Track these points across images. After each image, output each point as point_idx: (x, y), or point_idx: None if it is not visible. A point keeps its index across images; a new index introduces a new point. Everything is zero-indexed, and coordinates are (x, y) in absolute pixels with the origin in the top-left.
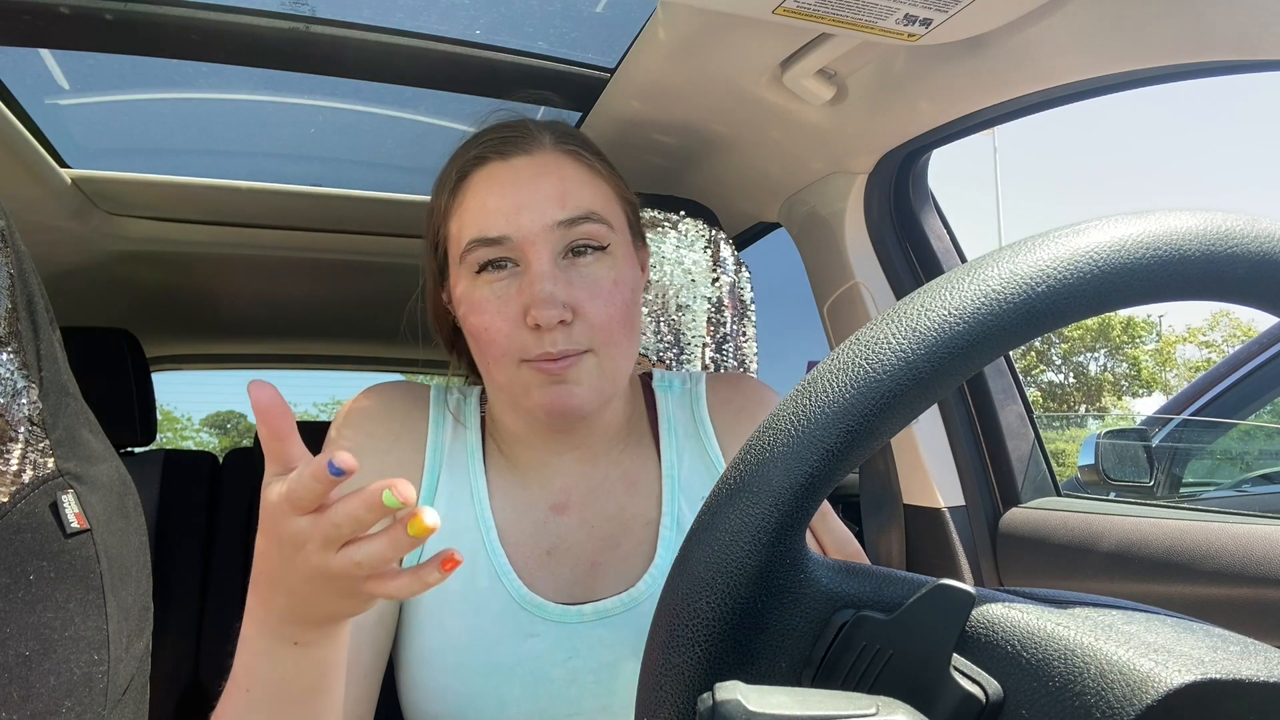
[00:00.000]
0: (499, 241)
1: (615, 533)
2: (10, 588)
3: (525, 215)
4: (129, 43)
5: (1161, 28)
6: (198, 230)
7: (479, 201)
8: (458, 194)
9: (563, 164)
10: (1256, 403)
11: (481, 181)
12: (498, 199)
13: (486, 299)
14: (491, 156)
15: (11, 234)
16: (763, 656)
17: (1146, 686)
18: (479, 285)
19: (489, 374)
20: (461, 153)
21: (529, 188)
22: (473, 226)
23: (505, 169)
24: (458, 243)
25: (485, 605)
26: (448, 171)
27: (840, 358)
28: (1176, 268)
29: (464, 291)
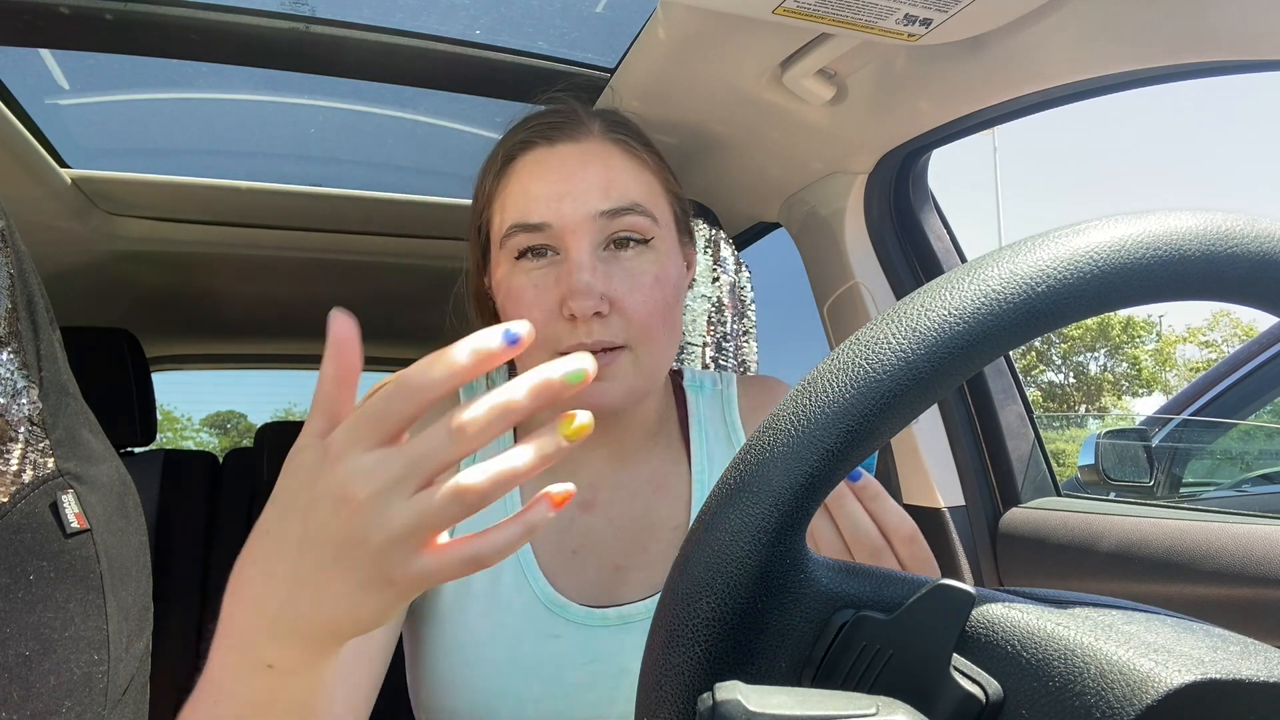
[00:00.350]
0: (540, 228)
1: (641, 535)
2: (10, 588)
3: (567, 203)
4: (129, 43)
5: (1161, 28)
6: (198, 230)
7: (522, 187)
8: (502, 178)
9: (610, 153)
10: (1256, 403)
11: (526, 166)
12: (541, 185)
13: (524, 287)
14: (538, 141)
15: (11, 234)
16: (763, 656)
17: (1146, 686)
18: (517, 273)
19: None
20: (509, 136)
21: (574, 175)
22: (514, 211)
23: (551, 155)
24: (499, 227)
25: (509, 602)
26: (494, 155)
27: (840, 358)
28: (1176, 268)
29: (503, 277)
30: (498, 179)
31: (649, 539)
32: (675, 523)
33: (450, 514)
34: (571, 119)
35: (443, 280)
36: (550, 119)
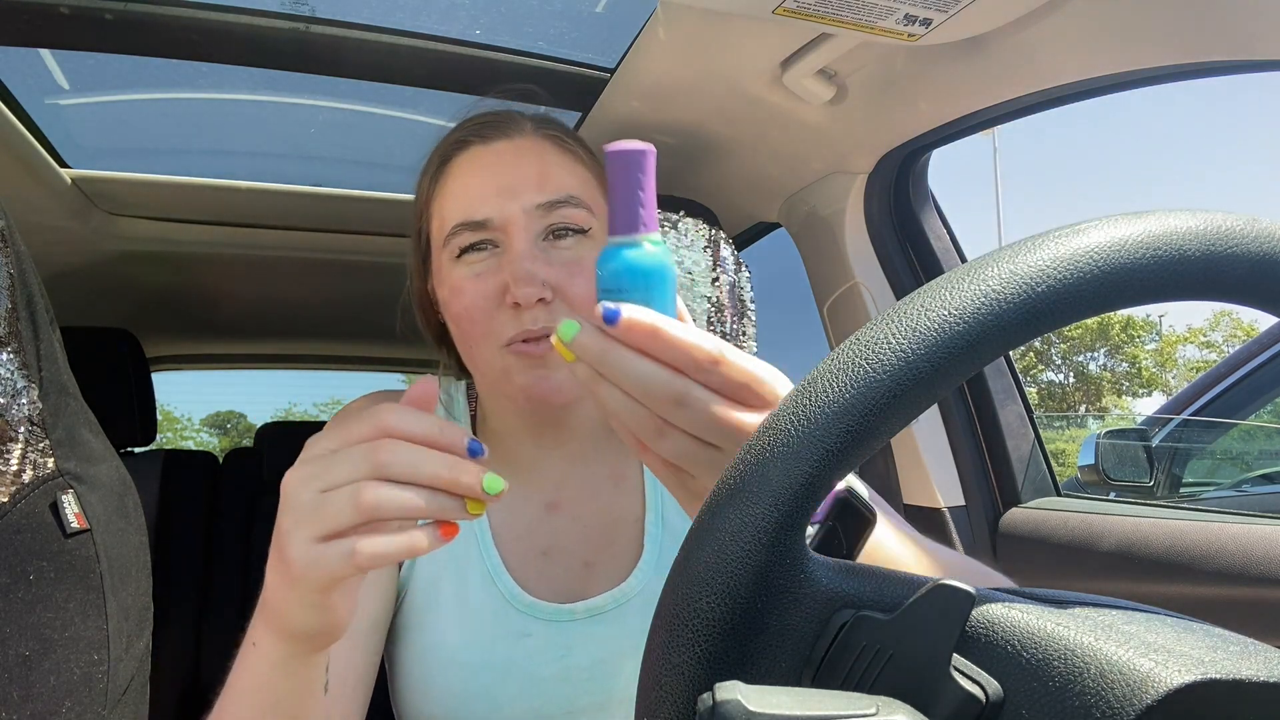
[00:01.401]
0: (482, 224)
1: (607, 530)
2: (10, 588)
3: (506, 197)
4: (129, 43)
5: (1161, 28)
6: (198, 230)
7: (461, 185)
8: (440, 179)
9: (544, 148)
10: (1256, 403)
11: (463, 165)
12: (479, 181)
13: (465, 279)
14: (473, 140)
15: (11, 234)
16: (763, 656)
17: (1146, 686)
18: (459, 268)
19: (472, 361)
20: (444, 140)
21: (510, 170)
22: (456, 211)
23: (486, 152)
24: (441, 228)
25: (478, 605)
26: (430, 160)
27: (840, 358)
28: (1176, 268)
29: (445, 275)
30: (435, 181)
31: (614, 533)
32: (635, 515)
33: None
34: (504, 118)
35: None
36: (484, 119)
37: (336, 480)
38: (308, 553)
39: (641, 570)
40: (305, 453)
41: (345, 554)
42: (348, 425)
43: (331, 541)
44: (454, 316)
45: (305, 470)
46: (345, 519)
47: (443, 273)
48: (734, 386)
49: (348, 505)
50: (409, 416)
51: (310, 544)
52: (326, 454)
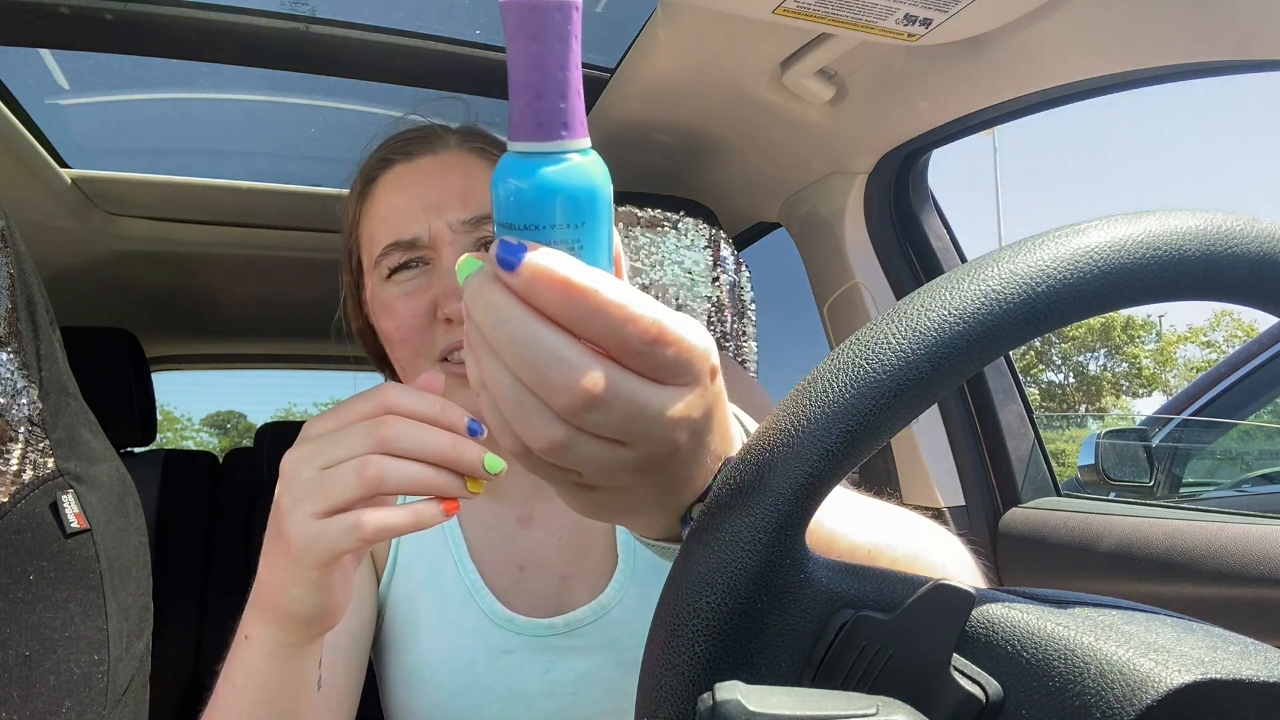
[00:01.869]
0: (412, 244)
1: (581, 543)
2: (10, 588)
3: (433, 214)
4: (129, 43)
5: (1161, 28)
6: (198, 230)
7: (389, 204)
8: (365, 200)
9: (468, 161)
10: (1256, 403)
11: (388, 184)
12: (406, 199)
13: (396, 298)
14: (396, 159)
15: (11, 234)
16: (763, 656)
17: (1146, 686)
18: (389, 287)
19: (405, 370)
20: (371, 158)
21: (436, 186)
22: (385, 231)
23: (411, 170)
24: (370, 249)
25: (459, 624)
26: (355, 181)
27: (840, 358)
28: (1176, 268)
29: (375, 295)
30: (360, 202)
31: (588, 546)
32: (607, 525)
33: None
34: (427, 133)
35: None
36: (406, 136)
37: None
38: (309, 529)
39: (618, 581)
40: (304, 433)
41: (349, 527)
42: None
43: (334, 517)
44: (386, 335)
45: (306, 449)
46: (350, 492)
47: (375, 294)
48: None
49: (352, 479)
50: (412, 395)
51: (312, 520)
52: (327, 433)
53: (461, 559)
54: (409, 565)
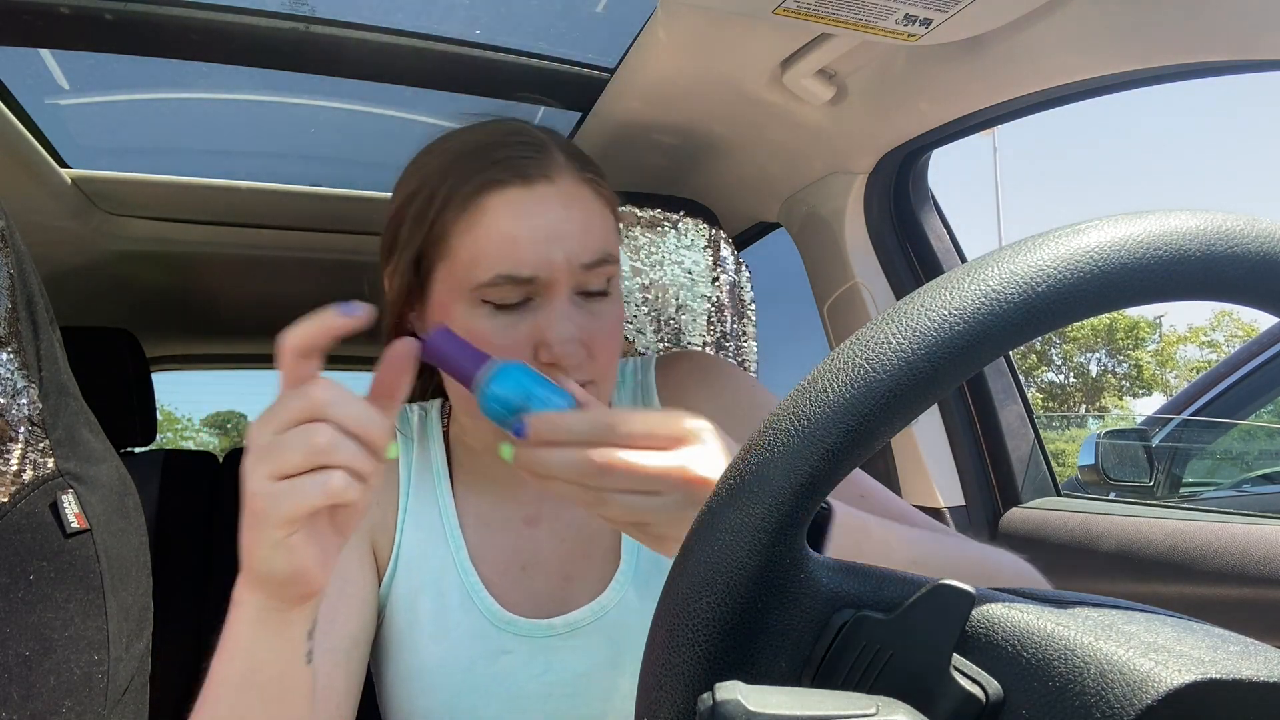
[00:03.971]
0: (529, 281)
1: (584, 544)
2: (10, 588)
3: (555, 253)
4: (129, 43)
5: (1161, 28)
6: (198, 230)
7: (502, 231)
8: (470, 213)
9: (584, 195)
10: (1256, 403)
11: (502, 206)
12: (526, 231)
13: (489, 331)
14: (510, 180)
15: (11, 234)
16: (763, 656)
17: (1146, 686)
18: (480, 317)
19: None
20: (471, 164)
21: (556, 222)
22: (497, 260)
23: (529, 197)
24: (470, 271)
25: (457, 625)
26: (449, 181)
27: (840, 358)
28: (1176, 268)
29: (455, 315)
30: (461, 212)
31: (591, 546)
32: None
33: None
34: (542, 153)
35: None
36: (520, 153)
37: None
38: (267, 488)
39: (619, 582)
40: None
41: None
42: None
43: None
44: None
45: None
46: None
47: (455, 314)
48: (639, 439)
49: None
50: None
51: (268, 481)
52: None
53: (461, 561)
54: (409, 567)
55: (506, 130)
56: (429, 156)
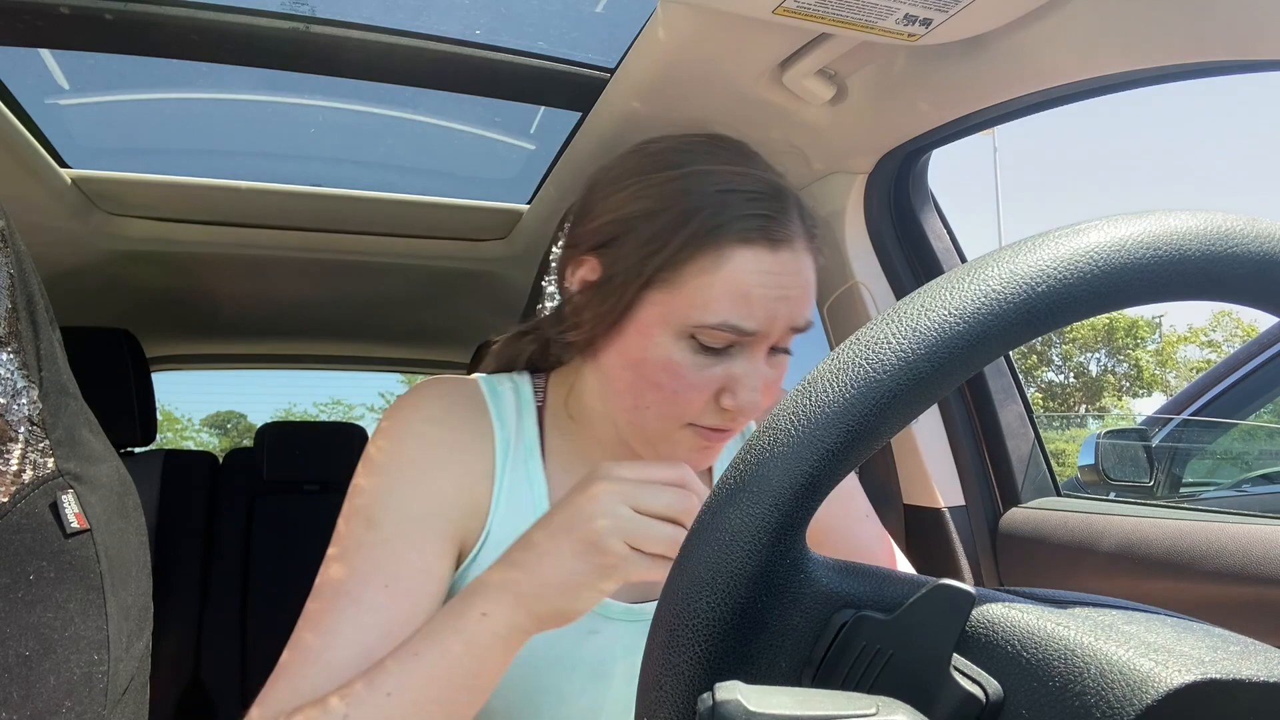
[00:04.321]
0: (748, 334)
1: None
2: (10, 588)
3: (779, 314)
4: (129, 43)
5: (1161, 28)
6: (198, 230)
7: (740, 284)
8: (712, 257)
9: (809, 266)
10: (1256, 403)
11: (747, 262)
12: (761, 291)
13: (687, 367)
14: (759, 239)
15: (11, 234)
16: (763, 656)
17: (1146, 686)
18: (681, 350)
19: (635, 415)
20: (723, 210)
21: (789, 289)
22: (728, 310)
23: (772, 261)
24: (694, 309)
25: None
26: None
27: (840, 358)
28: (1176, 268)
29: (658, 345)
30: (701, 253)
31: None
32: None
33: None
34: (788, 216)
35: (442, 280)
36: (774, 213)
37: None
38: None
39: None
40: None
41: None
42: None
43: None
44: (653, 380)
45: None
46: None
47: (655, 333)
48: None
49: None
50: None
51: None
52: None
53: None
54: (498, 546)
55: (762, 183)
56: (670, 176)
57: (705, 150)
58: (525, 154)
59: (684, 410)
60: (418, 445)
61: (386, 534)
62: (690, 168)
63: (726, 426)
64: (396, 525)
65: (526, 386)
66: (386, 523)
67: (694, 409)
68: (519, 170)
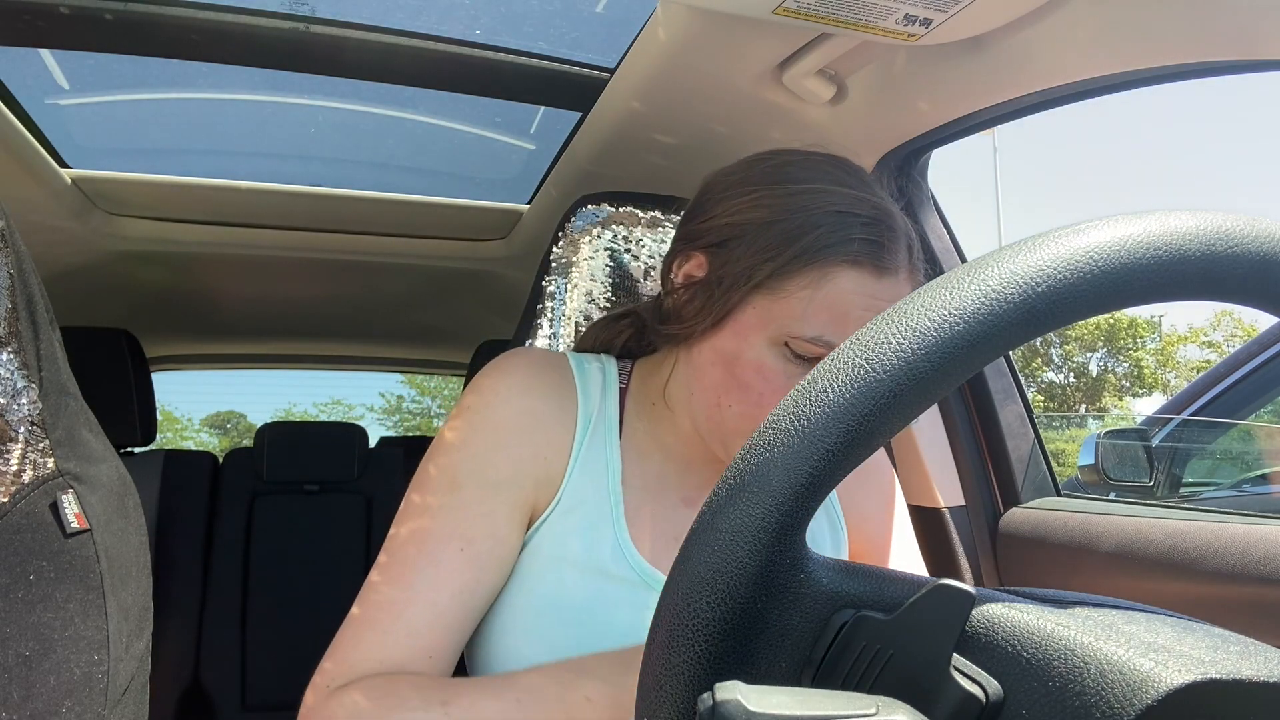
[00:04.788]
0: (832, 346)
1: None
2: (10, 588)
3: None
4: (129, 43)
5: (1161, 28)
6: (198, 230)
7: (842, 306)
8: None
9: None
10: (1256, 403)
11: (851, 283)
12: (858, 313)
13: (778, 373)
14: (867, 264)
15: (11, 234)
16: (763, 656)
17: (1146, 686)
18: (774, 356)
19: (717, 411)
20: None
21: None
22: (825, 325)
23: (875, 285)
24: (794, 319)
25: (607, 572)
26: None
27: (840, 358)
28: (1177, 268)
29: (753, 348)
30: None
31: None
32: None
33: None
34: (898, 245)
35: (442, 280)
36: (883, 241)
37: None
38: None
39: None
40: None
41: None
42: None
43: None
44: (743, 382)
45: None
46: None
47: (751, 336)
48: None
49: None
50: None
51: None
52: None
53: (618, 517)
54: (567, 513)
55: (878, 210)
56: (792, 190)
57: (827, 170)
58: (525, 154)
59: (765, 413)
60: (504, 410)
61: (466, 497)
62: (812, 185)
63: None
64: (476, 489)
65: (612, 368)
66: (468, 485)
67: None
68: (519, 170)
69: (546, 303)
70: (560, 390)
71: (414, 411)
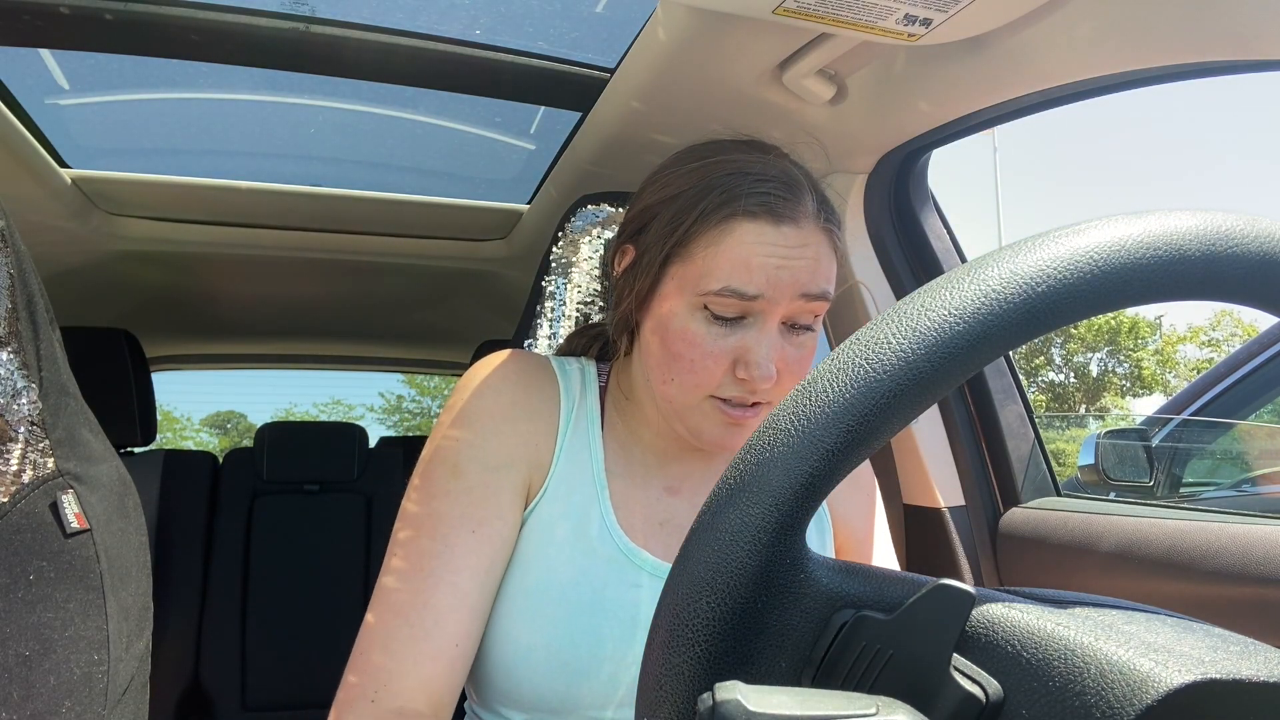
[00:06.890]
0: (751, 299)
1: None
2: (10, 588)
3: (779, 282)
4: (129, 43)
5: (1161, 28)
6: (198, 230)
7: (741, 253)
8: (718, 231)
9: (819, 241)
10: (1256, 403)
11: (749, 235)
12: (761, 260)
13: (702, 336)
14: (764, 215)
15: (11, 234)
16: (763, 656)
17: (1146, 686)
18: (697, 320)
19: (665, 387)
20: (732, 189)
21: (792, 257)
22: (728, 274)
23: (774, 234)
24: (703, 277)
25: (594, 551)
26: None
27: (840, 358)
28: (1176, 268)
29: (677, 316)
30: (709, 229)
31: None
32: None
33: None
34: (797, 197)
35: (442, 280)
36: (778, 193)
37: None
38: None
39: None
40: None
41: None
42: None
43: None
44: (674, 352)
45: None
46: None
47: (675, 312)
48: None
49: None
50: None
51: None
52: None
53: (604, 501)
54: (555, 499)
55: (771, 166)
56: (693, 166)
57: (732, 145)
58: (525, 154)
59: (703, 380)
60: (495, 400)
61: (471, 482)
62: (713, 158)
63: (746, 399)
64: (479, 474)
65: (591, 369)
66: (471, 471)
67: (713, 379)
68: (519, 170)
69: (546, 303)
70: (543, 384)
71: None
